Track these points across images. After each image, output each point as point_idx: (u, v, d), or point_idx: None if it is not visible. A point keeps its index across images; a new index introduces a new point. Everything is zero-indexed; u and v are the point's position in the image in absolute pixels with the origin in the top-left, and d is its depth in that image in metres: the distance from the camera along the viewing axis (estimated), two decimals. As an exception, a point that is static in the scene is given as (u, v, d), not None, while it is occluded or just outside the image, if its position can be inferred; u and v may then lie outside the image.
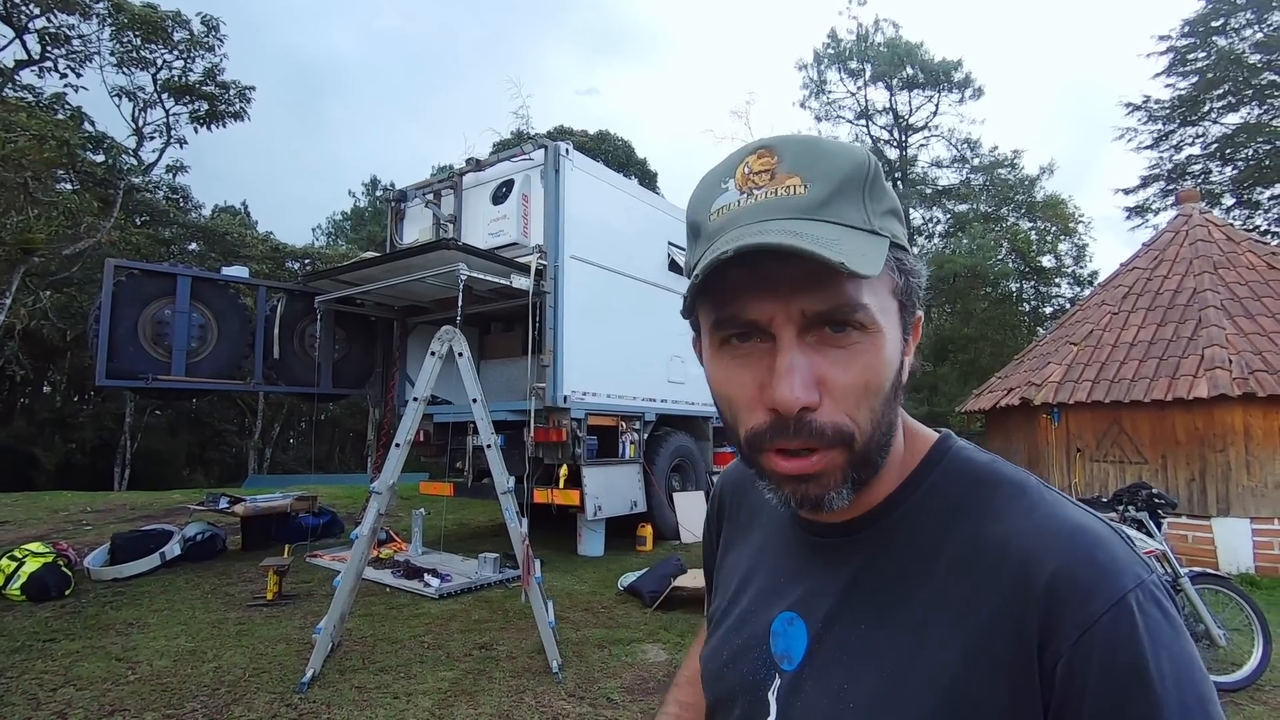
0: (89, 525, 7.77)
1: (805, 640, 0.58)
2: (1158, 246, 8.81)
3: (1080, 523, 0.51)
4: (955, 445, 0.60)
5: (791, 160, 0.52)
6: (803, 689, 0.57)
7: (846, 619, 0.56)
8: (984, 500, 0.55)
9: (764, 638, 0.62)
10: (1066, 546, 0.49)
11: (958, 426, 19.33)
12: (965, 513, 0.55)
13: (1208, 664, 3.68)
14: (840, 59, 25.36)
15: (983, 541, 0.52)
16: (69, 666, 3.52)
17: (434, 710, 3.10)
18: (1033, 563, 0.49)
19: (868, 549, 0.57)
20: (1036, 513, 0.52)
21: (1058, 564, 0.48)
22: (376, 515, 3.65)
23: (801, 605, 0.60)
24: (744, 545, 0.73)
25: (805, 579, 0.61)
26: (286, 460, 25.94)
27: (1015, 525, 0.52)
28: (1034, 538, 0.50)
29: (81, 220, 13.91)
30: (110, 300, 5.73)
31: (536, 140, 6.56)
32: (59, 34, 13.65)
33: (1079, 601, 0.46)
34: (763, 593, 0.65)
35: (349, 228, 32.63)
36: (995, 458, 0.59)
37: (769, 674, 0.60)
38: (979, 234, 21.97)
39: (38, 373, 20.41)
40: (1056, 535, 0.50)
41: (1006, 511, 0.53)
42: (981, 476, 0.57)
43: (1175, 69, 19.45)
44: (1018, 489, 0.55)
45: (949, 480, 0.57)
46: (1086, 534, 0.49)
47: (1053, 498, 0.54)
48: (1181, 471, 6.85)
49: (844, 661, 0.55)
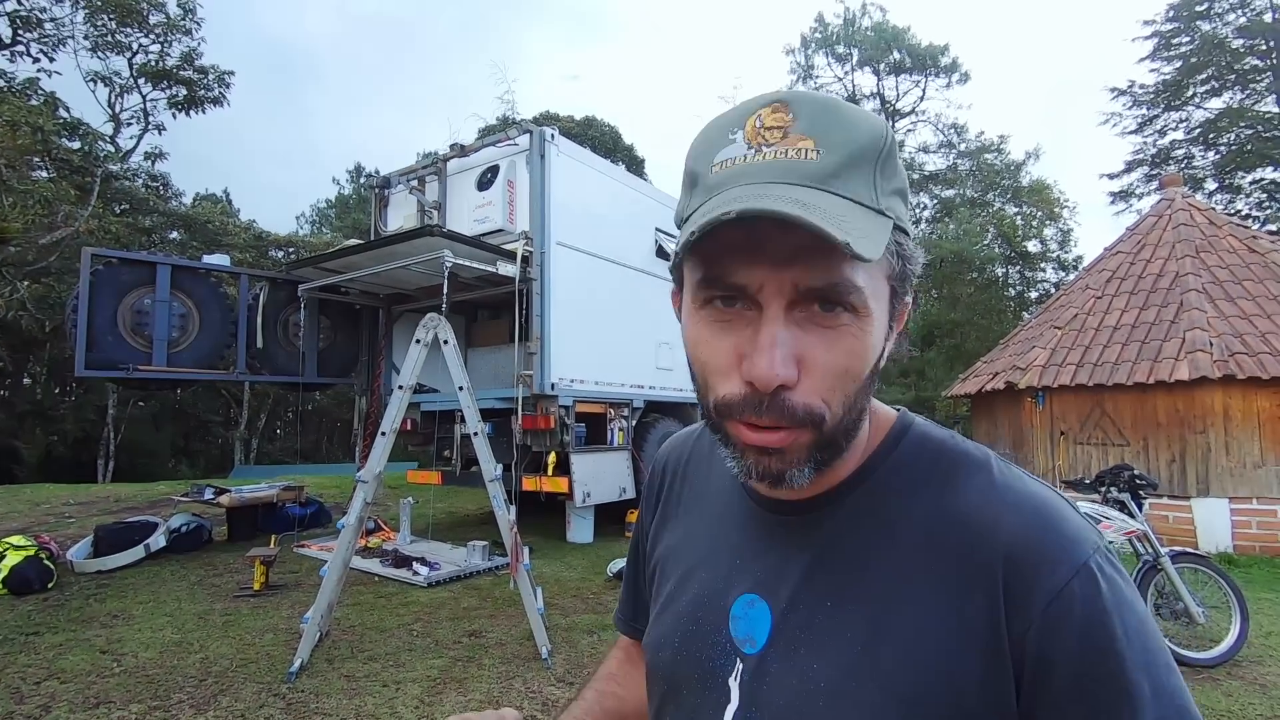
0: (71, 518, 7.68)
1: (769, 622, 0.56)
2: (1141, 231, 8.89)
3: (1040, 495, 0.52)
4: (915, 422, 0.60)
5: (807, 121, 0.48)
6: (768, 672, 0.55)
7: (811, 598, 0.55)
8: (945, 474, 0.55)
9: (722, 622, 0.59)
10: (1031, 518, 0.50)
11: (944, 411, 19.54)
12: (927, 487, 0.55)
13: (1186, 640, 3.76)
14: (827, 43, 25.28)
15: (946, 515, 0.52)
16: (52, 660, 3.49)
17: (423, 698, 3.10)
18: (998, 534, 0.49)
19: (830, 526, 0.56)
20: (997, 486, 0.53)
21: (1023, 535, 0.49)
22: (363, 504, 3.63)
23: (763, 586, 0.58)
24: (688, 524, 0.70)
25: (766, 559, 0.59)
26: (273, 451, 25.77)
27: (978, 498, 0.52)
28: (998, 510, 0.51)
29: (58, 209, 13.65)
30: (88, 290, 5.63)
31: (522, 125, 6.48)
32: (30, 17, 13.30)
33: (1047, 570, 0.47)
34: (718, 575, 0.62)
35: (333, 215, 32.24)
36: (952, 433, 0.59)
37: (729, 660, 0.58)
38: (965, 219, 22.08)
39: (17, 364, 20.09)
40: (1020, 507, 0.51)
41: (968, 485, 0.53)
42: (942, 451, 0.57)
43: (1159, 53, 19.56)
44: (977, 463, 0.55)
45: (910, 456, 0.57)
46: (1048, 505, 0.51)
47: (1013, 471, 0.55)
48: (1163, 453, 6.96)
49: (811, 641, 0.54)
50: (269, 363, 6.87)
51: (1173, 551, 3.83)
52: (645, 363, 7.38)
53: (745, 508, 0.63)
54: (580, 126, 22.56)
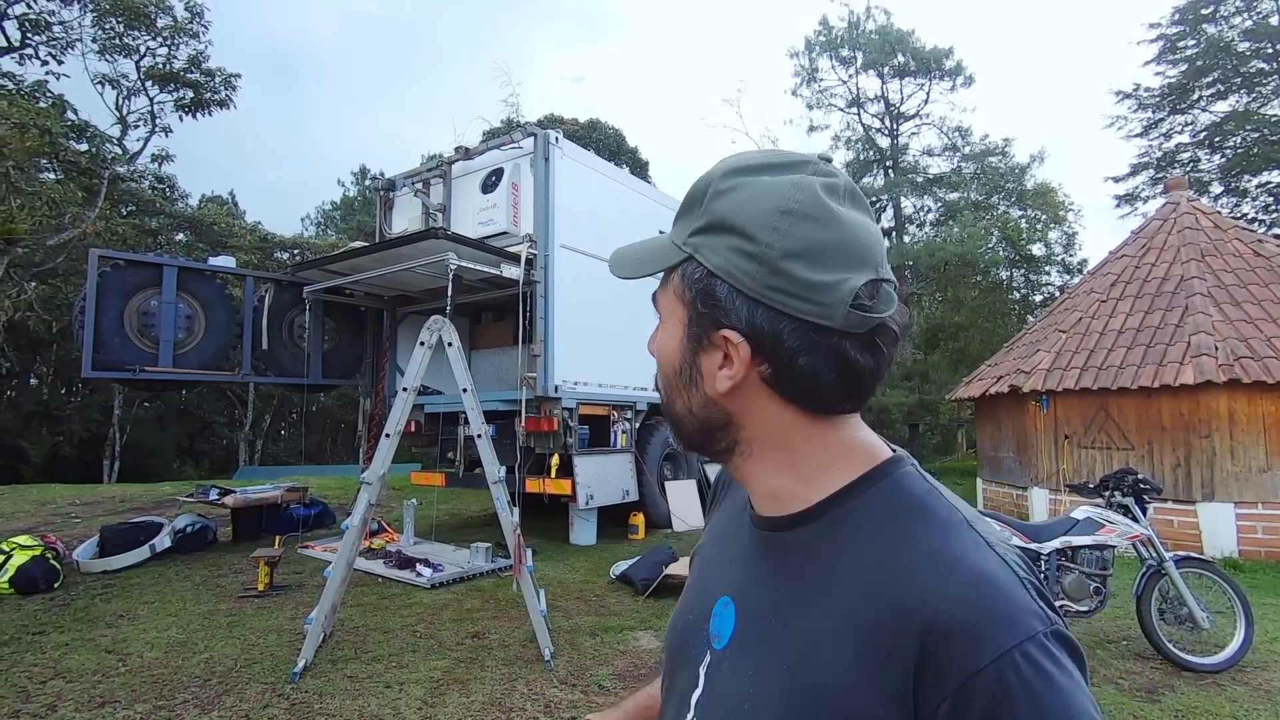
0: (77, 518, 7.72)
1: (733, 624, 0.61)
2: (1146, 234, 8.86)
3: (987, 570, 0.50)
4: (900, 470, 0.59)
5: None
6: (723, 669, 0.60)
7: (762, 612, 0.59)
8: (904, 528, 0.54)
9: (707, 615, 0.66)
10: (967, 593, 0.48)
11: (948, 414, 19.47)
12: (883, 536, 0.54)
13: (1191, 646, 3.75)
14: (832, 47, 25.24)
15: (889, 569, 0.52)
16: (58, 659, 3.51)
17: (426, 699, 3.11)
18: (930, 602, 0.49)
19: (793, 548, 0.59)
20: (946, 553, 0.51)
21: (954, 608, 0.48)
22: (367, 505, 3.65)
23: (736, 591, 0.64)
24: (715, 527, 0.78)
25: (743, 567, 0.65)
26: (277, 452, 25.85)
27: (922, 560, 0.51)
28: (938, 577, 0.50)
29: (66, 210, 13.73)
30: (95, 291, 5.67)
31: (526, 128, 6.50)
32: (39, 20, 13.39)
33: (967, 649, 0.46)
34: (715, 574, 0.69)
35: (338, 217, 32.35)
36: (934, 488, 0.58)
37: (703, 650, 0.64)
38: (970, 222, 22.00)
39: (24, 365, 20.20)
40: (961, 580, 0.49)
41: (918, 544, 0.53)
42: (911, 505, 0.56)
43: (1165, 57, 19.49)
44: (939, 524, 0.54)
45: (879, 501, 0.57)
46: (989, 583, 0.49)
47: (971, 539, 0.53)
48: (1167, 457, 6.93)
49: (753, 652, 0.58)
50: (274, 364, 6.90)
51: (1177, 556, 3.82)
52: (648, 365, 7.36)
53: (747, 518, 0.68)
54: (584, 129, 22.59)
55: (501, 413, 6.40)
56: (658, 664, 3.59)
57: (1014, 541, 0.58)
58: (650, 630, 4.15)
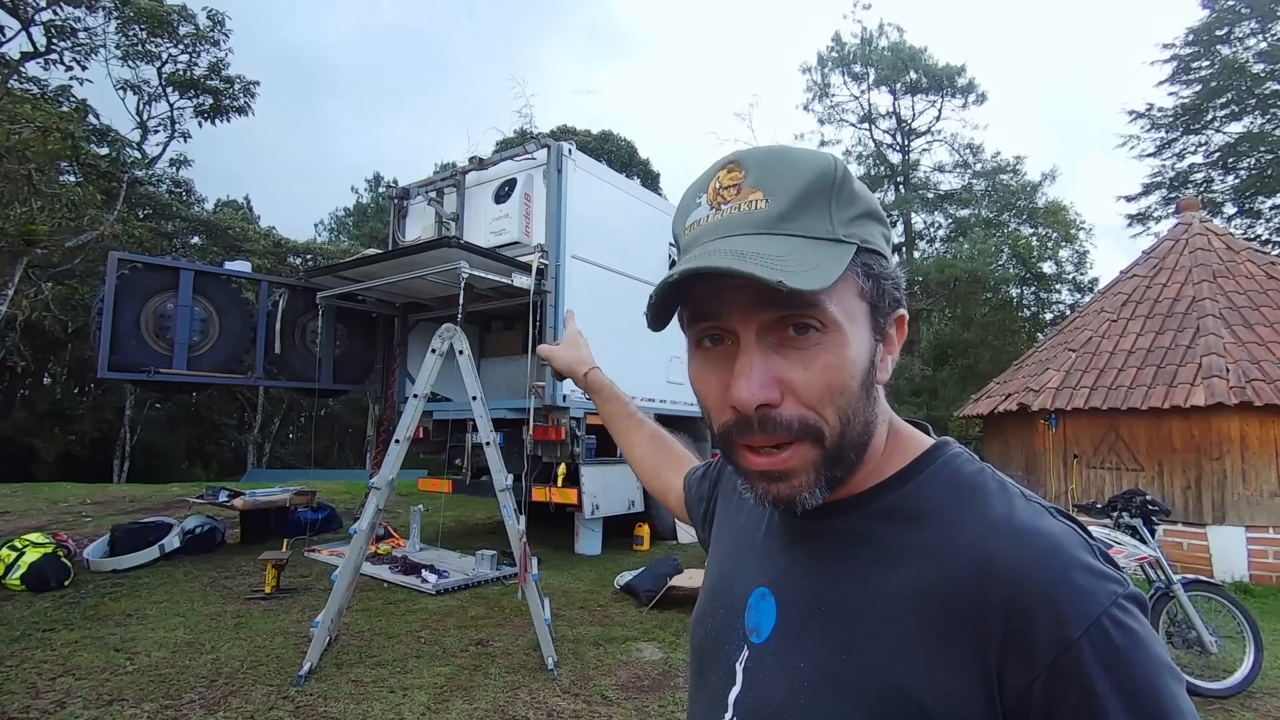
0: (89, 517, 7.79)
1: (774, 616, 0.60)
2: (1157, 254, 8.84)
3: (1058, 539, 0.50)
4: (950, 452, 0.60)
5: (755, 174, 0.54)
6: (766, 663, 0.59)
7: (811, 600, 0.58)
8: (963, 506, 0.55)
9: (740, 610, 0.64)
10: (1045, 566, 0.48)
11: (956, 431, 19.36)
12: (943, 516, 0.55)
13: (1198, 670, 3.72)
14: (844, 63, 25.40)
15: (957, 547, 0.52)
16: (68, 656, 3.55)
17: (430, 705, 3.13)
18: (1008, 577, 0.49)
19: (842, 535, 0.59)
20: (1014, 526, 0.52)
21: (1034, 584, 0.48)
22: (375, 511, 3.68)
23: (775, 582, 0.62)
24: (734, 518, 0.77)
25: (781, 557, 0.63)
26: (286, 455, 25.95)
27: (994, 536, 0.51)
28: (1012, 550, 0.50)
29: (84, 213, 13.92)
30: (113, 293, 5.75)
31: (540, 140, 6.58)
32: (65, 26, 13.64)
33: (1055, 625, 0.46)
34: (745, 566, 0.68)
35: (351, 224, 32.64)
36: (985, 467, 0.59)
37: (739, 645, 0.62)
38: (980, 239, 22.00)
39: (38, 364, 20.42)
40: (1036, 551, 0.49)
41: (985, 520, 0.53)
42: (966, 483, 0.57)
43: (1179, 77, 19.48)
44: (1001, 498, 0.55)
45: (935, 483, 0.58)
46: (1065, 553, 0.49)
47: (1033, 508, 0.54)
48: (1178, 479, 6.88)
49: (803, 641, 0.57)
50: (286, 368, 6.97)
51: (1185, 579, 3.79)
52: (656, 376, 7.40)
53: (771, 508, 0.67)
54: (597, 140, 22.77)
55: (509, 421, 6.43)
56: (661, 675, 3.59)
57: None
58: (654, 641, 4.15)
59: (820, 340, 0.52)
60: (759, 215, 0.53)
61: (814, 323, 0.52)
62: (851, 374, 0.53)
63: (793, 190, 0.53)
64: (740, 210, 0.53)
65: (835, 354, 0.52)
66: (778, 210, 0.52)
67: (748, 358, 0.52)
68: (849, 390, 0.53)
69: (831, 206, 0.53)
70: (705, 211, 0.56)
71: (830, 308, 0.52)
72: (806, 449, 0.52)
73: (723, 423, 0.55)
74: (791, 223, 0.52)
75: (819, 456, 0.53)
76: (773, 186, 0.53)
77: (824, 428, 0.52)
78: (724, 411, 0.55)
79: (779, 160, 0.55)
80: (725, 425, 0.55)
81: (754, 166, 0.55)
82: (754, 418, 0.52)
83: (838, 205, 0.54)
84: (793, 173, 0.54)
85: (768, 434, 0.52)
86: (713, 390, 0.56)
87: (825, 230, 0.53)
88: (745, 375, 0.52)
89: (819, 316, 0.51)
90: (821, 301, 0.51)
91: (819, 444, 0.52)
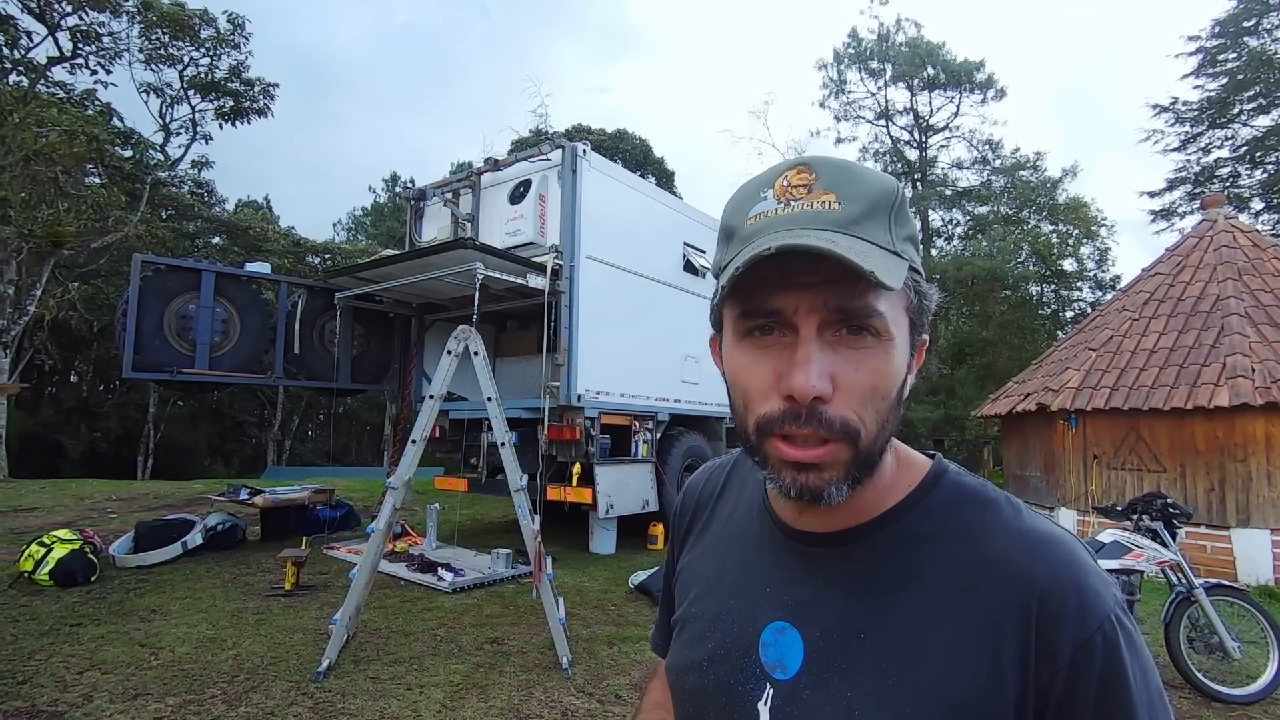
0: (114, 513, 7.95)
1: (801, 649, 0.59)
2: (1181, 252, 8.69)
3: (1069, 545, 0.56)
4: (948, 470, 0.64)
5: (828, 178, 0.56)
6: (801, 698, 0.58)
7: (845, 628, 0.58)
8: (979, 520, 0.59)
9: (751, 648, 0.62)
10: (1067, 572, 0.54)
11: (974, 431, 19.17)
12: (962, 531, 0.58)
13: (1220, 676, 3.66)
14: (861, 59, 25.17)
15: (981, 559, 0.56)
16: (94, 651, 3.63)
17: (445, 702, 3.16)
18: (1032, 582, 0.54)
19: (864, 560, 0.60)
20: (1028, 534, 0.57)
21: (1055, 584, 0.53)
22: (392, 510, 3.72)
23: (795, 615, 0.61)
24: (708, 551, 0.74)
25: (797, 588, 0.62)
26: (305, 452, 26.30)
27: (1011, 546, 0.56)
28: (1030, 558, 0.55)
29: (109, 214, 14.21)
30: (137, 295, 5.86)
31: (554, 140, 6.60)
32: (90, 31, 13.93)
33: (1074, 624, 0.52)
34: (746, 602, 0.65)
35: (369, 223, 32.96)
36: (984, 481, 0.63)
37: (758, 684, 0.60)
38: (999, 236, 21.71)
39: (65, 363, 20.87)
40: (1052, 557, 0.55)
41: (1000, 532, 0.57)
42: (976, 498, 0.61)
43: (1204, 70, 19.11)
44: (1011, 511, 0.59)
45: (943, 502, 0.61)
46: (1079, 561, 0.55)
47: (1043, 521, 0.59)
48: (1201, 481, 6.77)
49: (845, 670, 0.57)
50: (305, 368, 7.06)
51: (1207, 583, 3.73)
52: (671, 376, 7.41)
53: (774, 538, 0.66)
54: (612, 139, 22.80)
55: (524, 420, 6.47)
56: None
57: None
58: (667, 641, 4.15)
59: (873, 345, 0.54)
60: (834, 215, 0.54)
61: (870, 327, 0.53)
62: (893, 382, 0.55)
63: (864, 200, 0.55)
64: (814, 208, 0.54)
65: (884, 360, 0.54)
66: (852, 214, 0.54)
67: (808, 349, 0.53)
68: (889, 397, 0.55)
69: (891, 222, 0.55)
70: (773, 205, 0.56)
71: (886, 314, 0.54)
72: (842, 449, 0.53)
73: (764, 412, 0.55)
74: (861, 228, 0.54)
75: (851, 458, 0.54)
76: (846, 192, 0.55)
77: (861, 430, 0.53)
78: (769, 400, 0.54)
79: (850, 169, 0.57)
80: (767, 415, 0.54)
81: (826, 171, 0.56)
82: (804, 410, 0.52)
83: (896, 222, 0.56)
84: (863, 183, 0.56)
85: (812, 428, 0.53)
86: (759, 379, 0.55)
87: (887, 242, 0.54)
88: (805, 365, 0.52)
89: (876, 322, 0.53)
90: (880, 305, 0.53)
91: (854, 446, 0.54)
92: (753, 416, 0.55)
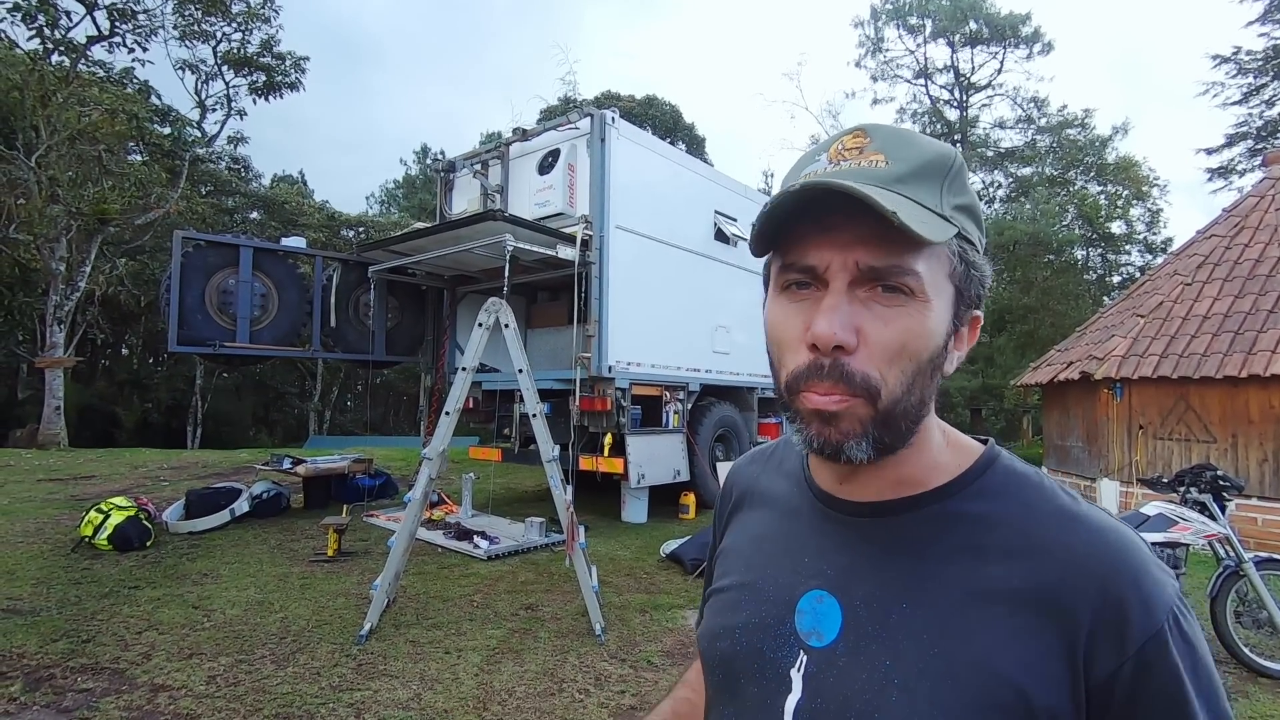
0: (166, 481, 8.29)
1: (839, 617, 0.59)
2: (1239, 212, 8.26)
3: (1131, 536, 0.55)
4: (1001, 455, 0.63)
5: (880, 141, 0.56)
6: (837, 665, 0.58)
7: (885, 597, 0.58)
8: (1034, 503, 0.58)
9: (786, 615, 0.62)
10: (1127, 558, 0.53)
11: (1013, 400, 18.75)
12: (1016, 514, 0.57)
13: (1269, 651, 3.57)
14: (899, 15, 24.21)
15: (1036, 542, 0.55)
16: (151, 612, 3.81)
17: (482, 666, 3.26)
18: (1093, 571, 0.53)
19: (909, 531, 0.59)
20: (1087, 523, 0.56)
21: (1119, 576, 0.52)
22: (428, 480, 3.80)
23: (832, 583, 0.61)
24: (747, 528, 0.75)
25: (837, 557, 0.62)
26: (344, 422, 27.00)
27: (1069, 532, 0.55)
28: (1090, 548, 0.54)
29: (151, 190, 14.54)
30: (179, 271, 6.02)
31: (583, 109, 6.51)
32: (125, 9, 14.09)
33: (1142, 614, 0.51)
34: (782, 570, 0.65)
35: (401, 195, 33.22)
36: (1038, 469, 0.62)
37: (792, 651, 0.60)
38: (1043, 199, 20.94)
39: (116, 336, 21.64)
40: (1118, 546, 0.54)
41: (1056, 517, 0.56)
42: (1029, 482, 0.60)
43: (1271, 15, 17.91)
44: (1067, 499, 0.58)
45: (996, 484, 0.60)
46: (1139, 550, 0.54)
47: (1099, 510, 0.58)
48: (1254, 451, 6.53)
49: (884, 638, 0.56)
50: (341, 341, 7.21)
51: (1257, 557, 3.62)
52: (702, 346, 7.37)
53: (813, 508, 0.67)
54: (641, 106, 22.45)
55: (556, 391, 6.52)
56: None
57: None
58: (699, 609, 4.20)
59: (906, 304, 0.54)
60: (878, 172, 0.54)
61: (904, 287, 0.53)
62: (925, 345, 0.55)
63: (913, 161, 0.55)
64: (860, 166, 0.55)
65: (916, 320, 0.54)
66: (897, 172, 0.54)
67: (835, 299, 0.53)
68: (918, 359, 0.54)
69: (944, 187, 0.55)
70: (823, 165, 0.57)
71: (923, 274, 0.53)
72: (861, 405, 0.54)
73: (794, 368, 0.56)
74: (906, 186, 0.54)
75: (870, 416, 0.54)
76: (896, 154, 0.55)
77: (882, 388, 0.53)
78: (799, 353, 0.55)
79: (906, 135, 0.57)
80: (796, 370, 0.55)
81: (880, 136, 0.57)
82: (826, 361, 0.53)
83: (949, 189, 0.56)
84: (916, 146, 0.56)
85: (834, 382, 0.53)
86: (790, 331, 0.56)
87: (935, 204, 0.54)
88: (829, 313, 0.53)
89: (910, 281, 0.53)
90: (916, 265, 0.53)
91: (873, 404, 0.54)
92: (785, 371, 0.57)
